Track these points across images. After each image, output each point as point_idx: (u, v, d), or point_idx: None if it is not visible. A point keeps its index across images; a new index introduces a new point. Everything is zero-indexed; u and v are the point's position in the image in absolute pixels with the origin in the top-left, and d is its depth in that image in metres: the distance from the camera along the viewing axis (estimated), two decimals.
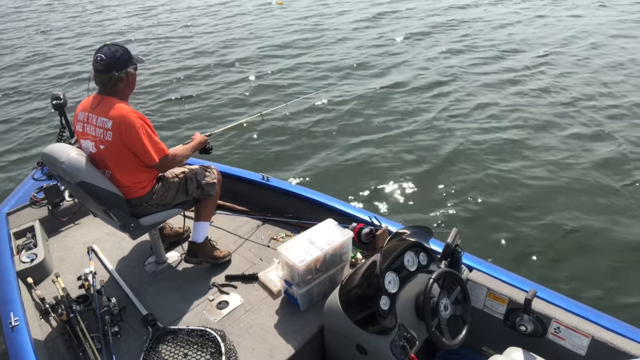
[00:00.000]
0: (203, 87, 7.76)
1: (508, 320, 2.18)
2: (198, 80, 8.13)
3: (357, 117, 6.17)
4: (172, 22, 12.83)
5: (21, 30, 13.38)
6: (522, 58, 7.97)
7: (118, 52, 2.23)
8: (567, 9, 10.85)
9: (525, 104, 6.25)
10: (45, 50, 10.95)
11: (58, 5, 16.86)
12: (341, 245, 2.33)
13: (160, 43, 10.77)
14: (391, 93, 6.90)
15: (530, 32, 9.30)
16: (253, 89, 7.44)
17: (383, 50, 8.84)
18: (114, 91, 2.26)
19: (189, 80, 8.18)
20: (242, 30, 11.22)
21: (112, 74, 2.21)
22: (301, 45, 9.58)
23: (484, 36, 9.34)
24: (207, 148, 2.73)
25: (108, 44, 2.25)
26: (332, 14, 12.15)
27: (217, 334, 2.18)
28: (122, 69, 2.23)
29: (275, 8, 13.34)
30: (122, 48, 2.26)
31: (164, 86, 8.01)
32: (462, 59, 8.17)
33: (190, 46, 10.25)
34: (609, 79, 6.84)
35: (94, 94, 2.32)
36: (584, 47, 8.21)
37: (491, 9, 11.41)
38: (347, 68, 8.04)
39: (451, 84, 7.12)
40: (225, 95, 7.36)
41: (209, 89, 7.64)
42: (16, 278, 2.51)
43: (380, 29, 10.22)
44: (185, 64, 9.06)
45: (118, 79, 2.24)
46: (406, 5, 12.12)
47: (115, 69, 2.21)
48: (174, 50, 10.09)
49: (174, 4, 15.28)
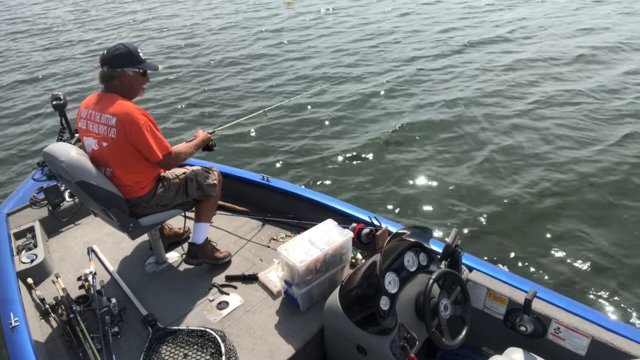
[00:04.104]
0: (207, 85, 7.76)
1: (508, 320, 2.18)
2: (201, 78, 8.14)
3: (360, 116, 6.17)
4: (173, 21, 12.82)
5: (21, 29, 13.38)
6: (516, 56, 7.98)
7: (119, 50, 2.23)
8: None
9: (524, 105, 6.26)
10: (45, 50, 10.95)
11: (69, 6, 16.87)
12: (341, 246, 2.33)
13: (163, 41, 10.77)
14: (392, 94, 6.90)
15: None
16: (256, 88, 7.43)
17: (389, 49, 8.83)
18: (112, 88, 2.26)
19: (192, 78, 8.17)
20: (247, 28, 11.22)
21: (105, 70, 2.22)
22: (306, 43, 9.58)
23: (487, 35, 9.36)
24: (210, 145, 2.73)
25: (122, 43, 2.27)
26: (339, 11, 12.13)
27: (217, 334, 2.18)
28: (116, 67, 2.22)
29: (281, 6, 13.35)
30: (125, 48, 2.25)
31: (167, 84, 8.01)
32: (462, 59, 8.18)
33: (195, 44, 10.24)
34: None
35: (98, 91, 2.32)
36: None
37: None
38: (352, 67, 8.04)
39: (451, 84, 7.12)
40: (228, 93, 7.36)
41: (213, 87, 7.64)
42: (16, 278, 2.51)
43: (386, 28, 10.19)
44: (189, 62, 9.06)
45: (110, 76, 2.23)
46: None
47: (109, 64, 2.21)
48: (180, 48, 10.08)
49: (178, 2, 15.30)
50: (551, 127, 5.61)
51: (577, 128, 5.54)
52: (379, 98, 6.79)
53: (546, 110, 6.03)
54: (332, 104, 6.62)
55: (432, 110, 6.28)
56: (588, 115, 5.84)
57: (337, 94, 6.89)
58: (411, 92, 6.95)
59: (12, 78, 9.19)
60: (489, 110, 6.16)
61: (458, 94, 6.74)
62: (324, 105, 6.58)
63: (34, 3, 17.52)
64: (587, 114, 5.85)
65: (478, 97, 6.59)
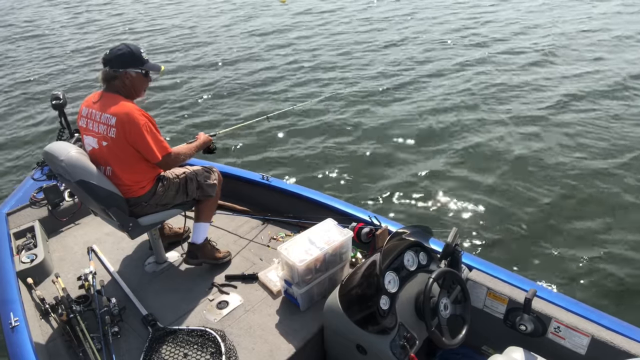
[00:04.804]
0: (208, 88, 7.75)
1: (508, 319, 2.18)
2: (203, 80, 8.13)
3: (359, 119, 6.15)
4: (176, 21, 12.81)
5: (20, 29, 13.38)
6: (512, 55, 7.98)
7: (121, 50, 2.24)
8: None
9: (525, 106, 6.26)
10: (45, 50, 10.94)
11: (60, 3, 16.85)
12: (341, 245, 2.33)
13: (165, 43, 10.76)
14: (393, 95, 6.90)
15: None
16: (258, 91, 7.42)
17: (389, 53, 8.79)
18: (114, 88, 2.26)
19: (195, 81, 8.16)
20: (247, 30, 11.21)
21: (107, 70, 2.22)
22: (307, 47, 9.56)
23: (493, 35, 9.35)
24: (212, 148, 2.73)
25: (124, 43, 2.27)
26: (340, 11, 12.10)
27: (217, 334, 2.18)
28: (119, 67, 2.23)
29: (277, 6, 13.33)
30: (127, 48, 2.25)
31: (170, 86, 8.00)
32: (461, 59, 8.17)
33: (197, 46, 10.23)
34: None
35: (99, 90, 2.32)
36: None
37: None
38: (353, 69, 8.03)
39: (451, 84, 7.12)
40: (231, 96, 7.34)
41: (214, 90, 7.63)
42: (16, 278, 2.51)
43: (385, 32, 10.17)
44: (193, 63, 9.04)
45: (112, 76, 2.24)
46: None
47: (111, 65, 2.22)
48: (181, 50, 10.07)
49: (179, 3, 15.29)
50: (548, 126, 5.61)
51: (579, 130, 5.54)
52: (379, 98, 6.78)
53: (542, 112, 6.04)
54: (332, 106, 6.62)
55: (432, 110, 6.27)
56: (588, 117, 5.84)
57: (339, 98, 6.86)
58: (412, 92, 6.94)
59: (12, 77, 9.19)
60: (488, 109, 6.17)
61: (458, 92, 6.74)
62: (324, 107, 6.57)
63: (26, 5, 17.45)
64: (589, 115, 5.86)
65: (476, 96, 6.59)
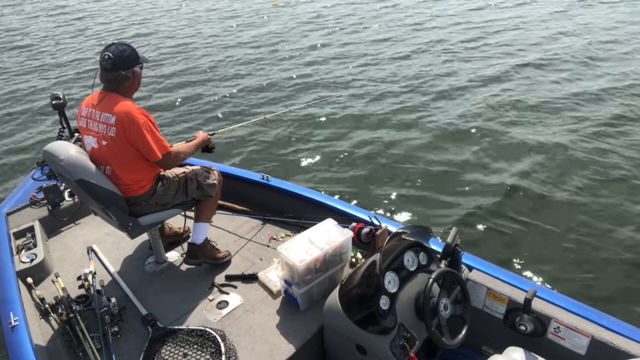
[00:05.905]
0: (208, 88, 7.75)
1: (508, 319, 2.18)
2: (203, 81, 8.13)
3: (359, 120, 6.15)
4: (175, 23, 12.82)
5: (21, 28, 13.37)
6: (509, 56, 7.98)
7: (126, 51, 2.24)
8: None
9: (524, 107, 6.26)
10: (45, 49, 10.94)
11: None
12: (341, 245, 2.33)
13: (163, 44, 10.76)
14: (393, 96, 6.90)
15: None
16: (257, 93, 7.41)
17: (388, 57, 8.78)
18: (120, 89, 2.27)
19: (194, 81, 8.16)
20: (241, 33, 11.21)
21: (119, 73, 2.22)
22: (306, 48, 9.55)
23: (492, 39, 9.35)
24: (210, 147, 2.74)
25: (116, 43, 2.26)
26: (337, 15, 12.10)
27: (217, 333, 2.18)
28: (128, 68, 2.25)
29: (270, 9, 13.31)
30: (129, 47, 2.27)
31: (168, 86, 8.00)
32: (462, 59, 8.18)
33: (195, 47, 10.23)
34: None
35: (98, 90, 2.32)
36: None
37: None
38: (352, 72, 8.03)
39: (452, 85, 7.12)
40: (230, 97, 7.34)
41: (213, 91, 7.63)
42: (16, 278, 2.51)
43: (383, 36, 10.16)
44: (191, 65, 9.04)
45: (124, 78, 2.25)
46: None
47: (122, 67, 2.23)
48: (179, 50, 10.07)
49: (179, 5, 15.29)
50: (548, 126, 5.61)
51: (579, 130, 5.54)
52: (379, 100, 6.78)
53: (539, 111, 6.04)
54: (331, 106, 6.61)
55: (432, 110, 6.28)
56: (591, 115, 5.84)
57: (338, 99, 6.85)
58: (411, 92, 6.94)
59: (12, 78, 9.19)
60: (487, 108, 6.17)
61: (457, 94, 6.75)
62: (323, 108, 6.57)
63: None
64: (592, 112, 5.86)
65: (477, 96, 6.60)
